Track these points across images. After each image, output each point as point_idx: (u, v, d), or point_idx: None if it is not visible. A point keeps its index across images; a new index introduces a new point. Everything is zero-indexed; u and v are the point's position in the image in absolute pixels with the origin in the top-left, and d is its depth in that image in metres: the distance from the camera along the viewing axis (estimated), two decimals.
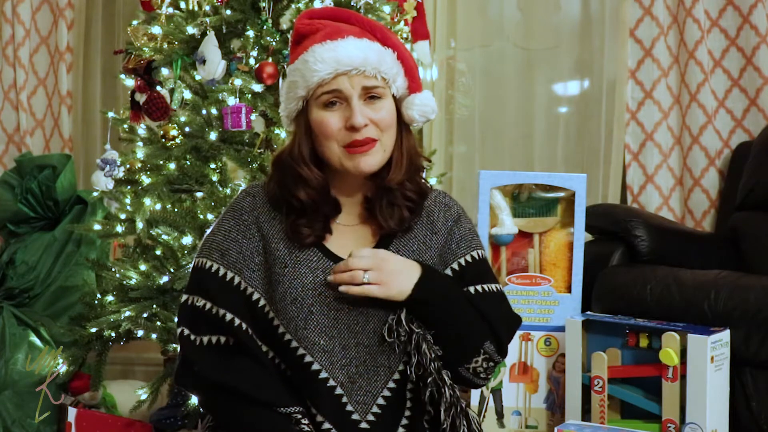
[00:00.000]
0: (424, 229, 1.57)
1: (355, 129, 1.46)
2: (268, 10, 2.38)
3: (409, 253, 1.54)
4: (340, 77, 1.46)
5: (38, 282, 3.04)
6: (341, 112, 1.47)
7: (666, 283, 2.38)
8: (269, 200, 1.54)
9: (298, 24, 1.54)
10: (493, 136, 3.57)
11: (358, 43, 1.48)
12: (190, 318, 1.51)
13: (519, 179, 2.41)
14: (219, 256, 1.51)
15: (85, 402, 2.76)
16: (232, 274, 1.50)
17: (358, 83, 1.46)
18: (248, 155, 2.36)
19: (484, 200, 2.34)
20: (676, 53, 3.16)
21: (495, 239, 2.37)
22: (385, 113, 1.49)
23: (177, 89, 2.42)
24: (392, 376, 1.49)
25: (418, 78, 1.54)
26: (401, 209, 1.53)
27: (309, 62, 1.47)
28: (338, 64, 1.45)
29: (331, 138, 1.47)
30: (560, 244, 2.38)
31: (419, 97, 1.53)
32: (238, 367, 1.47)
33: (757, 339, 2.20)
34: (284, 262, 1.49)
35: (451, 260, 1.57)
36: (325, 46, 1.46)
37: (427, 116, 1.54)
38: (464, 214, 1.63)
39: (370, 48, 1.48)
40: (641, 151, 3.17)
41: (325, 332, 1.46)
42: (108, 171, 2.60)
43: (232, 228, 1.53)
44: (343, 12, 1.56)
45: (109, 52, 3.73)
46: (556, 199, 2.39)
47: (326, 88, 1.46)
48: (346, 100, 1.47)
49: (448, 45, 3.56)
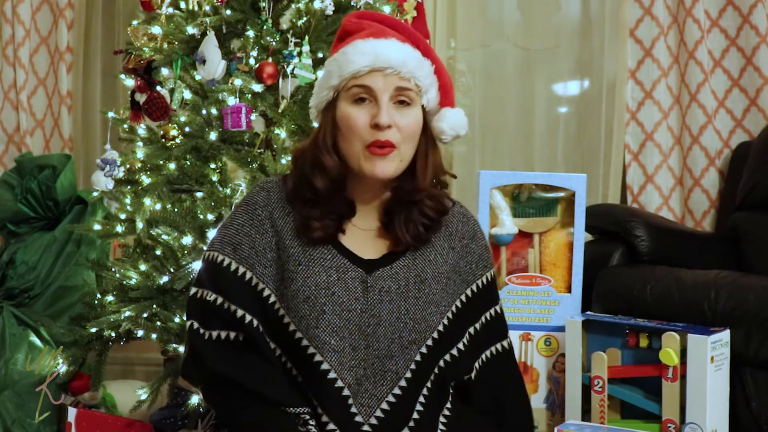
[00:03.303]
0: (442, 241, 1.57)
1: (379, 128, 1.45)
2: (268, 10, 2.38)
3: (426, 262, 1.54)
4: (375, 73, 1.46)
5: (38, 282, 3.04)
6: (369, 110, 1.47)
7: (666, 283, 2.38)
8: (285, 196, 1.54)
9: (345, 22, 1.55)
10: (493, 136, 3.57)
11: (399, 46, 1.48)
12: (201, 312, 1.51)
13: (519, 179, 2.41)
14: (231, 251, 1.50)
15: (85, 402, 2.76)
16: (244, 269, 1.49)
17: (392, 83, 1.46)
18: (248, 155, 2.36)
19: (484, 200, 2.34)
20: (676, 53, 3.16)
21: (495, 239, 2.37)
22: (412, 120, 1.49)
23: (177, 89, 2.42)
24: (398, 382, 1.48)
25: (452, 95, 1.55)
26: (417, 225, 1.52)
27: (348, 54, 1.47)
28: (376, 59, 1.46)
29: (355, 134, 1.47)
30: (560, 244, 2.38)
31: (453, 111, 1.54)
32: (247, 364, 1.47)
33: (757, 339, 2.20)
34: (298, 259, 1.49)
35: (471, 279, 1.60)
36: (367, 42, 1.48)
37: (458, 132, 1.55)
38: (479, 228, 1.65)
39: (410, 53, 1.49)
40: (641, 151, 3.17)
41: (336, 332, 1.46)
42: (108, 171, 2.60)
43: (246, 222, 1.52)
44: (391, 19, 1.57)
45: (109, 52, 3.73)
46: (556, 199, 2.38)
47: (359, 82, 1.46)
48: (376, 99, 1.46)
49: (448, 45, 3.56)
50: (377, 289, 1.49)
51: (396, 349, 1.48)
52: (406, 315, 1.49)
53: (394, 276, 1.51)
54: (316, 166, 1.50)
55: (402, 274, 1.52)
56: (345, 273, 1.49)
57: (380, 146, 1.45)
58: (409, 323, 1.49)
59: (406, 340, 1.48)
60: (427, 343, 1.51)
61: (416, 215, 1.52)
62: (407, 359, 1.49)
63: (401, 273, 1.52)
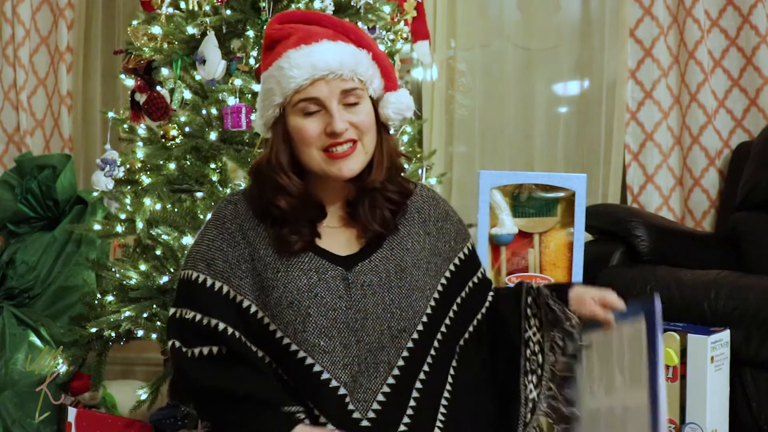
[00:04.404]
0: (417, 228, 1.58)
1: (336, 135, 1.45)
2: (268, 10, 2.38)
3: (404, 251, 1.55)
4: (318, 82, 1.44)
5: (38, 282, 3.04)
6: (320, 118, 1.46)
7: (666, 283, 2.38)
8: (251, 207, 1.54)
9: (269, 30, 1.52)
10: (493, 136, 3.57)
11: (333, 47, 1.46)
12: (180, 330, 1.50)
13: (519, 179, 2.40)
14: (205, 266, 1.50)
15: (85, 402, 2.76)
16: (220, 284, 1.49)
17: (336, 87, 1.45)
18: (248, 155, 2.36)
19: (484, 200, 2.34)
20: (676, 53, 3.16)
21: (495, 239, 2.37)
22: (364, 116, 1.49)
23: (177, 89, 2.42)
24: (391, 371, 1.48)
25: (393, 77, 1.54)
26: (382, 210, 1.53)
27: (284, 69, 1.45)
28: (315, 69, 1.44)
29: (311, 144, 1.47)
30: (560, 244, 2.38)
31: (394, 95, 1.52)
32: (234, 374, 1.47)
33: (757, 339, 2.21)
34: (276, 267, 1.49)
35: (452, 256, 1.61)
36: (299, 51, 1.45)
37: (403, 114, 1.53)
38: (449, 206, 1.66)
39: (345, 51, 1.47)
40: (641, 151, 3.18)
41: (324, 333, 1.46)
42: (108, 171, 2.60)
43: (216, 237, 1.52)
44: (315, 15, 1.54)
45: (109, 52, 3.74)
46: (556, 199, 2.38)
47: (304, 95, 1.45)
48: (325, 107, 1.46)
49: (448, 45, 3.56)
50: (359, 284, 1.49)
51: (387, 340, 1.48)
52: (392, 305, 1.49)
53: (374, 269, 1.51)
54: (276, 189, 1.49)
55: (382, 266, 1.52)
56: (325, 273, 1.49)
57: (341, 151, 1.46)
58: (396, 312, 1.49)
59: (395, 329, 1.49)
60: (417, 328, 1.51)
61: (380, 201, 1.53)
62: (398, 348, 1.49)
63: (381, 265, 1.52)
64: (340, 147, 1.46)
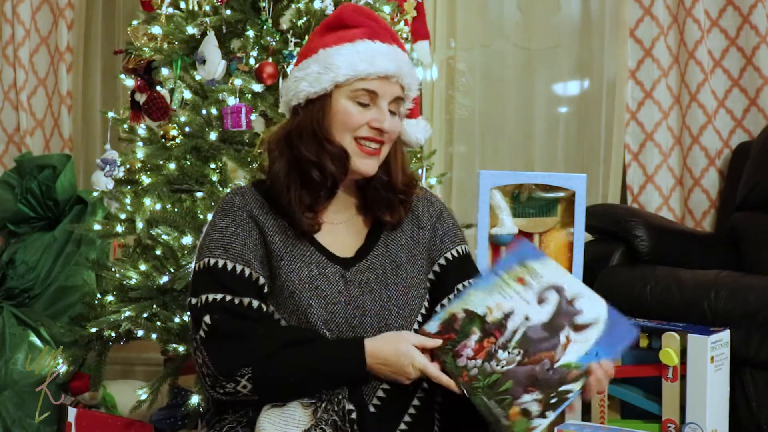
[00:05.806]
0: (410, 225, 1.61)
1: (380, 132, 1.50)
2: (268, 10, 2.38)
3: (398, 248, 1.57)
4: (383, 80, 1.50)
5: (38, 282, 3.05)
6: (369, 111, 1.51)
7: (666, 283, 2.38)
8: (262, 196, 1.55)
9: (343, 13, 1.55)
10: (493, 136, 3.57)
11: (400, 54, 1.54)
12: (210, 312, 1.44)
13: (519, 179, 2.40)
14: (222, 252, 1.49)
15: (85, 402, 2.76)
16: (241, 266, 1.48)
17: (393, 91, 1.52)
18: (248, 155, 2.36)
19: (484, 200, 2.34)
20: (676, 53, 3.16)
21: (495, 239, 2.37)
22: (398, 128, 1.56)
23: (177, 89, 2.42)
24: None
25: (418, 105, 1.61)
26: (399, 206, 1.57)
27: (361, 53, 1.49)
28: (388, 66, 1.50)
29: (352, 130, 1.51)
30: (560, 244, 2.37)
31: (424, 123, 1.63)
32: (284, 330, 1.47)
33: (757, 339, 2.21)
34: (280, 255, 1.50)
35: (437, 256, 1.61)
36: (374, 45, 1.51)
37: (420, 143, 1.65)
38: (446, 208, 1.68)
39: (406, 60, 1.55)
40: (641, 151, 3.18)
41: (325, 325, 1.47)
42: (108, 171, 2.61)
43: (229, 224, 1.52)
44: (381, 20, 1.59)
45: (109, 52, 3.73)
46: (556, 199, 2.38)
47: (366, 85, 1.50)
48: (376, 104, 1.51)
49: (448, 45, 3.56)
50: (357, 282, 1.51)
51: None
52: (389, 302, 1.51)
53: (370, 267, 1.53)
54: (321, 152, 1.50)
55: (378, 263, 1.54)
56: (325, 268, 1.51)
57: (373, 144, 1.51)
58: (394, 310, 1.51)
59: (393, 327, 1.50)
60: (414, 327, 1.52)
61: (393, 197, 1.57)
62: None
63: (377, 262, 1.54)
64: (373, 144, 1.51)
